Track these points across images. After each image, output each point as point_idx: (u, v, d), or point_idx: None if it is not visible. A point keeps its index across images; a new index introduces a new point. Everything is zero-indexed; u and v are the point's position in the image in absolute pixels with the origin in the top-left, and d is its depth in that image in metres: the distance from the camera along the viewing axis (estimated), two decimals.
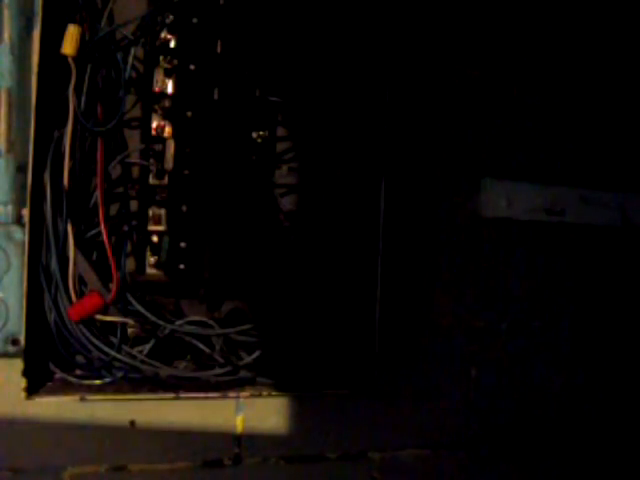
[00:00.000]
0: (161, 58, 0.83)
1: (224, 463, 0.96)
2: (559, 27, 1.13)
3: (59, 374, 0.83)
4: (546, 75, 1.12)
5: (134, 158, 0.85)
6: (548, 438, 1.13)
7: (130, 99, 0.84)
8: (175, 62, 0.83)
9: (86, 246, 0.82)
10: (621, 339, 1.17)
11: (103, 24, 0.81)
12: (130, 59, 0.82)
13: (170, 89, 0.83)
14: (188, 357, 0.86)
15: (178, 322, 0.84)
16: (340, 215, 0.90)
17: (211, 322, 0.85)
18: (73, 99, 0.78)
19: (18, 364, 0.77)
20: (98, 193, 0.80)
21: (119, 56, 0.81)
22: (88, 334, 0.81)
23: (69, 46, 0.77)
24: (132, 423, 0.92)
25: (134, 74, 0.84)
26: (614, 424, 1.17)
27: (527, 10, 1.11)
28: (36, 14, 0.79)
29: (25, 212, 0.81)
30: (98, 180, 0.81)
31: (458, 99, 1.07)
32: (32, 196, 0.78)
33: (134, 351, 0.83)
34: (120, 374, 0.82)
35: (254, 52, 0.86)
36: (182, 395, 0.83)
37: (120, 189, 0.85)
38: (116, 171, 0.84)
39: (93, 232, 0.82)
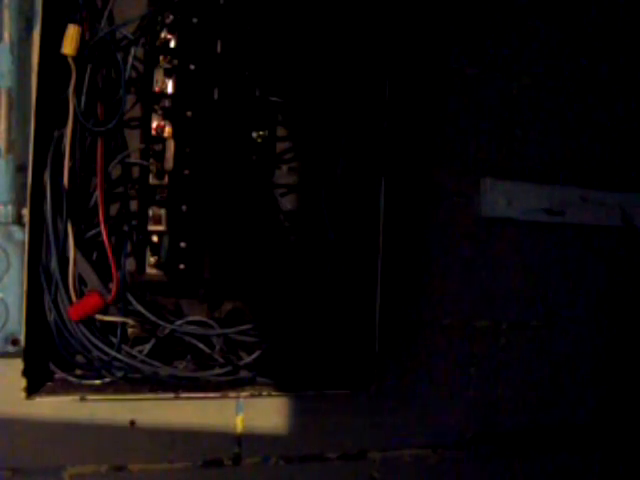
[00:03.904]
0: (161, 58, 0.83)
1: (224, 463, 0.96)
2: (559, 26, 1.13)
3: (59, 374, 0.83)
4: (546, 75, 1.12)
5: (134, 158, 0.85)
6: (548, 438, 1.13)
7: (130, 99, 0.84)
8: (175, 62, 0.83)
9: (86, 246, 0.82)
10: (621, 339, 1.17)
11: (103, 24, 0.81)
12: (130, 59, 0.82)
13: (170, 89, 0.83)
14: (188, 357, 0.86)
15: (178, 322, 0.84)
16: (340, 215, 0.90)
17: (211, 322, 0.85)
18: (73, 99, 0.78)
19: (18, 364, 0.77)
20: (98, 193, 0.80)
21: (119, 56, 0.81)
22: (88, 334, 0.81)
23: (69, 46, 0.77)
24: (132, 423, 0.92)
25: (134, 74, 0.84)
26: (615, 423, 1.17)
27: (526, 9, 1.11)
28: (36, 14, 0.79)
29: (25, 212, 0.81)
30: (98, 180, 0.81)
31: (458, 98, 1.07)
32: (32, 196, 0.78)
33: (134, 351, 0.83)
34: (120, 374, 0.82)
35: (254, 52, 0.86)
36: (182, 395, 0.83)
37: (120, 189, 0.85)
38: (116, 171, 0.84)
39: (93, 232, 0.82)
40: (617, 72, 1.16)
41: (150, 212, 0.83)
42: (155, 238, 0.84)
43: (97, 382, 0.83)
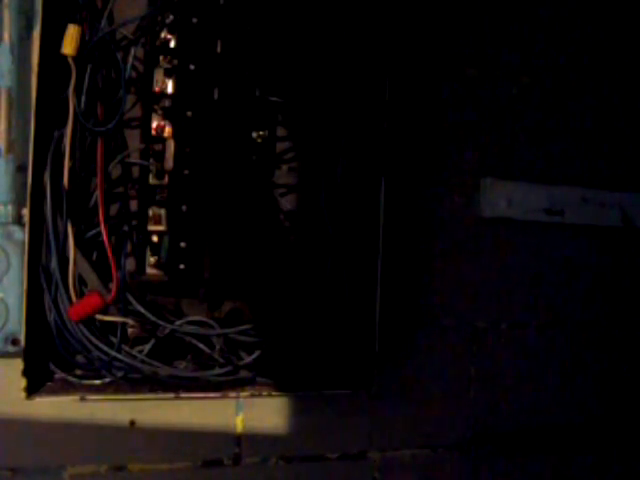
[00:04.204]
0: (161, 58, 0.83)
1: (224, 463, 0.96)
2: (559, 26, 1.13)
3: (59, 374, 0.83)
4: (546, 74, 1.12)
5: (134, 158, 0.85)
6: (548, 438, 1.13)
7: (130, 99, 0.84)
8: (175, 62, 0.83)
9: (86, 246, 0.82)
10: (621, 339, 1.17)
11: (103, 24, 0.81)
12: (130, 59, 0.82)
13: (170, 89, 0.83)
14: (188, 357, 0.86)
15: (178, 322, 0.84)
16: (340, 215, 0.90)
17: (211, 322, 0.85)
18: (73, 99, 0.78)
19: (18, 364, 0.77)
20: (98, 193, 0.80)
21: (119, 56, 0.81)
22: (88, 334, 0.81)
23: (69, 46, 0.77)
24: (132, 423, 0.92)
25: (134, 74, 0.84)
26: (614, 423, 1.17)
27: (526, 8, 1.11)
28: (36, 14, 0.79)
29: (25, 212, 0.81)
30: (98, 180, 0.81)
31: (458, 98, 1.07)
32: (32, 196, 0.78)
33: (134, 351, 0.83)
34: (120, 374, 0.82)
35: (254, 52, 0.86)
36: (182, 395, 0.83)
37: (120, 189, 0.85)
38: (116, 171, 0.84)
39: (93, 232, 0.82)
40: (617, 72, 1.16)
41: (150, 212, 0.83)
42: (155, 238, 0.84)
43: (97, 382, 0.83)
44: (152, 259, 0.85)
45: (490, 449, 1.09)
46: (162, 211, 0.83)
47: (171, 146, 0.82)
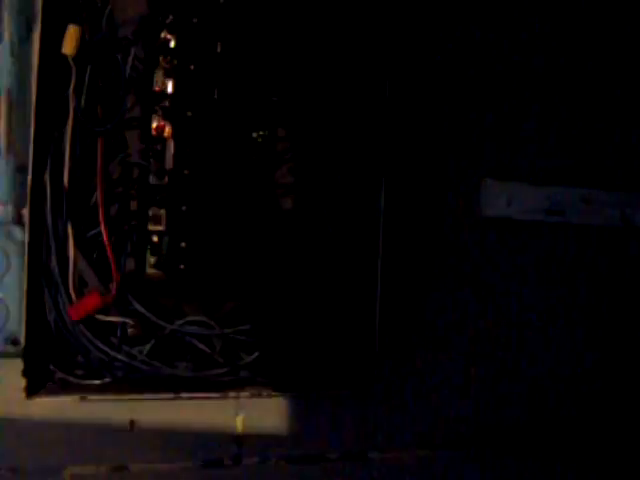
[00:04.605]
0: (161, 58, 0.83)
1: (224, 463, 0.96)
2: (559, 26, 1.13)
3: (59, 374, 0.83)
4: (546, 74, 1.12)
5: (134, 158, 0.85)
6: (548, 438, 1.13)
7: (130, 99, 0.84)
8: (175, 62, 0.83)
9: (86, 246, 0.82)
10: (621, 339, 1.17)
11: (103, 24, 0.81)
12: (130, 59, 0.82)
13: (170, 89, 0.83)
14: (188, 357, 0.86)
15: (178, 322, 0.84)
16: (340, 215, 0.90)
17: (211, 322, 0.85)
18: (73, 99, 0.78)
19: (18, 364, 0.77)
20: (98, 193, 0.80)
21: (119, 56, 0.81)
22: (88, 334, 0.81)
23: (69, 46, 0.77)
24: (132, 423, 0.92)
25: (134, 74, 0.84)
26: (615, 424, 1.17)
27: (528, 8, 1.11)
28: (36, 14, 0.79)
29: (25, 212, 0.81)
30: (98, 180, 0.81)
31: (458, 98, 1.07)
32: (32, 196, 0.77)
33: (134, 351, 0.83)
34: (120, 374, 0.82)
35: (254, 52, 0.86)
36: (182, 395, 0.83)
37: (120, 189, 0.85)
38: (116, 171, 0.84)
39: (93, 232, 0.82)
40: (617, 72, 1.16)
41: (150, 212, 0.84)
42: (155, 238, 0.84)
43: (97, 382, 0.83)
44: (152, 259, 0.85)
45: (490, 449, 1.09)
46: (162, 211, 0.83)
47: (171, 146, 0.82)
